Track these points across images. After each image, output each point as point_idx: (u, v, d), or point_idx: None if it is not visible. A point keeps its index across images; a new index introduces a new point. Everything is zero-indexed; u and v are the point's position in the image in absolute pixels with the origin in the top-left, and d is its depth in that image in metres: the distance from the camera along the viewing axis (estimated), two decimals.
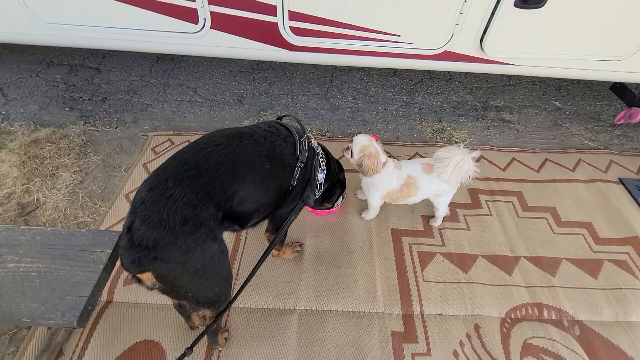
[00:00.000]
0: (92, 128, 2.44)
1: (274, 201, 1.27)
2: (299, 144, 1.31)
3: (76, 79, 2.84)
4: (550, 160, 2.39)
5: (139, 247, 0.87)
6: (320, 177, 1.55)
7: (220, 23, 1.81)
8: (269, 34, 1.84)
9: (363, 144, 1.64)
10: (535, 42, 1.82)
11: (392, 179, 1.74)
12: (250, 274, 1.30)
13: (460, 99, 2.90)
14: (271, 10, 1.75)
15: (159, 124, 2.51)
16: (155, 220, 0.89)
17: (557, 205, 2.11)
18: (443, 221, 1.98)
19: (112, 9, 1.76)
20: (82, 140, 2.32)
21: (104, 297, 1.58)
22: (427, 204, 1.91)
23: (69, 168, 2.14)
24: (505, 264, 1.83)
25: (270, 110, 2.66)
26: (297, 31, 1.84)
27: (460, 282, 1.74)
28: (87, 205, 1.97)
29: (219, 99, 2.75)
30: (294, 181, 1.33)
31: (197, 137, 2.40)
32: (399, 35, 1.83)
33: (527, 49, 1.85)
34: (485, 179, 2.24)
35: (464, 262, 1.82)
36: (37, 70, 2.89)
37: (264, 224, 1.49)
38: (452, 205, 2.08)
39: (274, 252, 1.66)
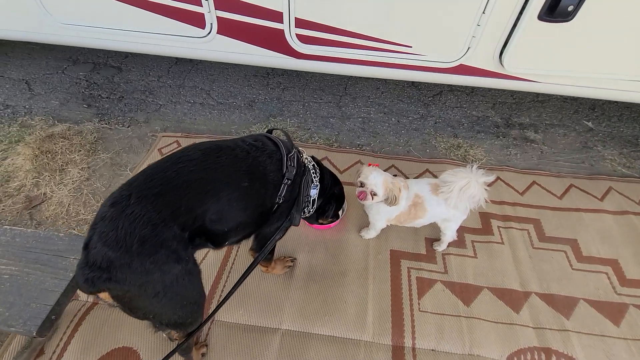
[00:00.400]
0: (105, 126, 2.50)
1: (254, 220, 1.21)
2: (286, 160, 1.25)
3: (98, 77, 2.94)
4: (575, 187, 2.18)
5: (92, 267, 0.84)
6: (313, 192, 1.48)
7: (226, 28, 1.79)
8: (276, 41, 1.79)
9: (383, 179, 1.50)
10: (562, 59, 1.65)
11: (402, 200, 1.62)
12: (228, 294, 1.24)
13: (481, 113, 2.73)
14: (278, 17, 1.70)
15: (169, 124, 2.54)
16: (112, 239, 0.85)
17: (579, 238, 1.92)
18: (448, 246, 1.85)
19: (123, 11, 1.79)
20: (94, 137, 2.38)
21: (90, 297, 1.59)
22: (433, 225, 1.78)
23: (77, 164, 2.20)
24: (513, 299, 1.67)
25: (279, 117, 2.62)
26: (303, 39, 1.78)
27: (460, 316, 1.60)
28: (90, 203, 2.00)
29: (230, 103, 2.74)
30: (279, 199, 1.26)
31: (204, 140, 2.45)
32: (411, 47, 1.73)
33: (552, 65, 1.68)
34: (500, 203, 2.07)
35: (466, 293, 1.68)
36: (63, 67, 3.01)
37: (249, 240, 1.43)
38: (460, 229, 1.93)
39: (262, 268, 1.61)
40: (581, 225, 1.98)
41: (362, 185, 1.53)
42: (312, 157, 1.53)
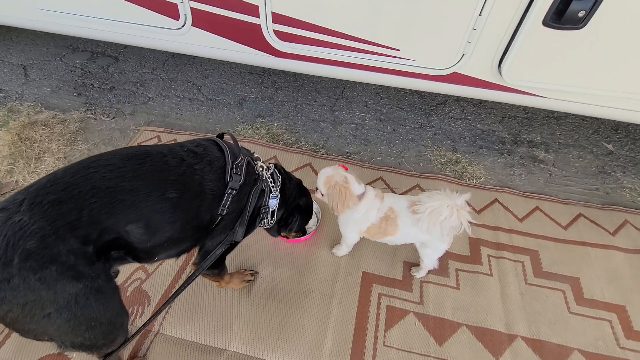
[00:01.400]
0: (90, 116, 2.45)
1: (189, 234, 1.08)
2: (231, 168, 1.11)
3: (93, 66, 2.91)
4: (584, 217, 1.93)
5: None
6: (273, 203, 1.34)
7: (201, 21, 1.68)
8: (252, 37, 1.66)
9: (327, 174, 1.40)
10: (571, 72, 1.43)
11: (372, 210, 1.47)
12: (156, 311, 1.13)
13: (486, 127, 2.50)
14: (253, 10, 1.57)
15: (155, 118, 2.46)
16: None
17: (581, 276, 1.68)
18: (428, 273, 1.66)
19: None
20: (77, 127, 2.33)
21: None
22: (413, 248, 1.60)
23: (54, 154, 2.15)
24: (495, 342, 1.47)
25: (268, 117, 2.50)
26: (282, 36, 1.64)
27: (429, 356, 1.42)
28: None
29: (220, 100, 2.64)
30: (223, 210, 1.13)
31: (186, 137, 2.36)
32: (398, 50, 1.55)
33: (559, 79, 1.47)
34: (494, 228, 1.86)
35: (441, 329, 1.50)
36: (62, 55, 3.00)
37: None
38: (444, 254, 1.74)
39: (215, 283, 1.48)
40: (586, 261, 1.74)
41: None
42: (276, 165, 1.39)
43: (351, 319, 1.51)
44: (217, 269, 1.34)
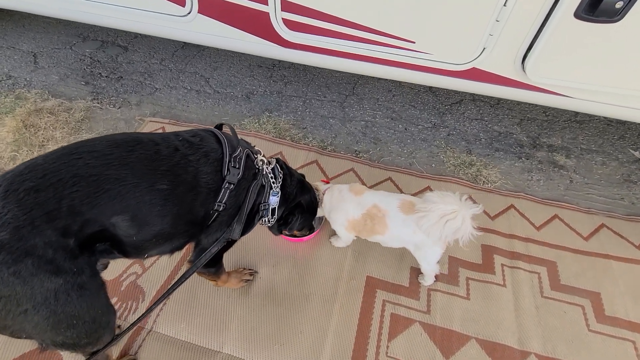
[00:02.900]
0: (97, 105, 2.41)
1: (181, 230, 1.01)
2: (229, 161, 1.04)
3: (102, 55, 2.88)
4: (607, 227, 1.81)
5: None
6: (273, 200, 1.26)
7: (208, 8, 1.61)
8: (260, 26, 1.59)
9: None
10: (603, 69, 1.31)
11: (348, 205, 1.44)
12: (146, 311, 1.06)
13: (503, 129, 2.38)
14: None
15: (160, 109, 2.42)
16: None
17: (603, 292, 1.57)
18: (436, 280, 1.57)
19: None
20: (82, 115, 2.30)
21: None
22: None
23: (58, 142, 2.12)
24: (506, 358, 1.37)
25: (276, 112, 2.42)
26: (291, 25, 1.56)
27: None
28: None
29: (227, 93, 2.58)
30: (219, 205, 1.06)
31: (191, 128, 2.31)
32: (414, 42, 1.45)
33: (588, 77, 1.35)
34: (509, 236, 1.75)
35: (448, 342, 1.40)
36: (72, 43, 2.98)
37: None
38: (455, 261, 1.65)
39: (212, 282, 1.41)
40: (608, 276, 1.62)
41: None
42: (277, 160, 1.32)
43: (353, 326, 1.43)
44: (214, 267, 1.28)
